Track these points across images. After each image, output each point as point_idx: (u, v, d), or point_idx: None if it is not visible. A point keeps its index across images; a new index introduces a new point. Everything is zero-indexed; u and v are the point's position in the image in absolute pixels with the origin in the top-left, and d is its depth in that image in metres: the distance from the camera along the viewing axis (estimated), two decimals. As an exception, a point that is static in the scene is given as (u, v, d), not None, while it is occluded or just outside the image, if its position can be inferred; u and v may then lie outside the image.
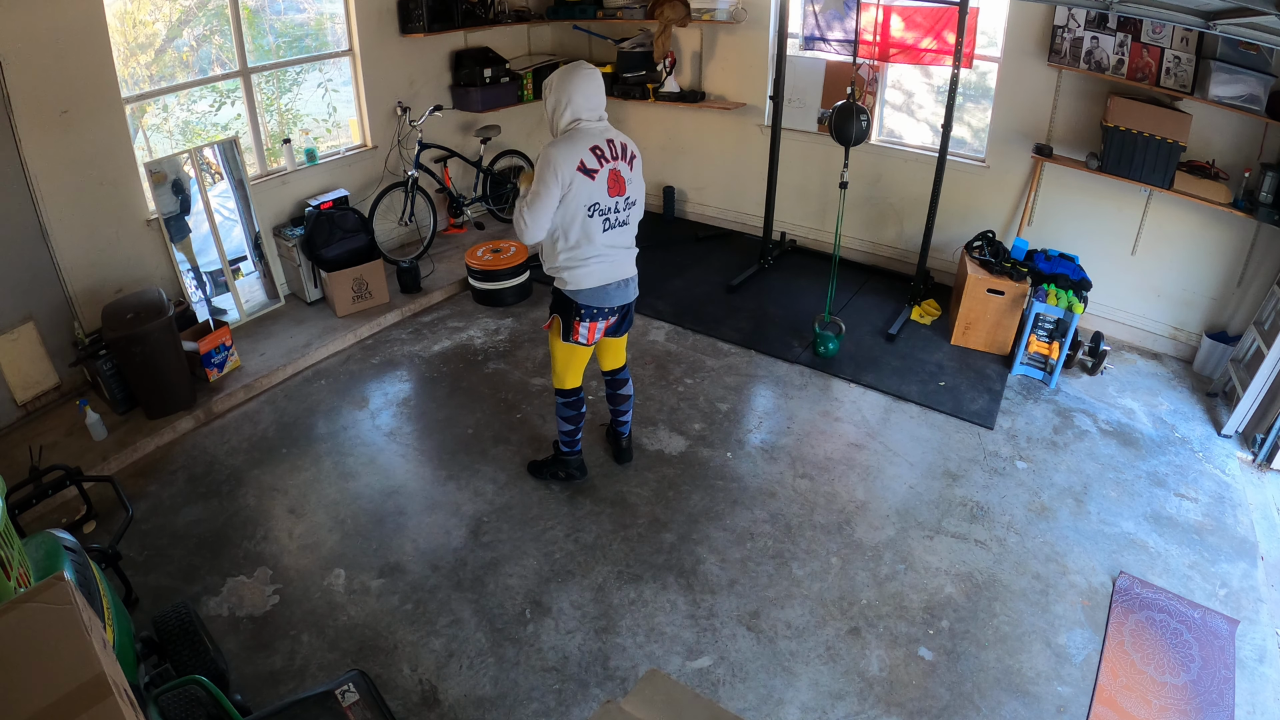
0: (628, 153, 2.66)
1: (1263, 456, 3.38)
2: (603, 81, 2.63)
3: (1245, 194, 3.64)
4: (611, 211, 2.64)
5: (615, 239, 2.70)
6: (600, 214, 2.61)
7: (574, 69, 2.57)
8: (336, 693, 1.89)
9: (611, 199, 2.61)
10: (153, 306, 3.41)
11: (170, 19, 4.01)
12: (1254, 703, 2.35)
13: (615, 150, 2.61)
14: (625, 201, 2.67)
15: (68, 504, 3.08)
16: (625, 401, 3.18)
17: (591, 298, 2.73)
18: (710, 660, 2.45)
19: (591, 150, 2.54)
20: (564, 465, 3.16)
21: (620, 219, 2.68)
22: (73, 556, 1.89)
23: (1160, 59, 3.66)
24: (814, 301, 4.57)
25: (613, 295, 2.76)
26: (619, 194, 2.63)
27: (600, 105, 2.61)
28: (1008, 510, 3.08)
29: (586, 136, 2.55)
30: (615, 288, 2.76)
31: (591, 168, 2.53)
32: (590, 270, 2.69)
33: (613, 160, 2.59)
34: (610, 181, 2.59)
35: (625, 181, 2.64)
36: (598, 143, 2.55)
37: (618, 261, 2.74)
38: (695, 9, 4.99)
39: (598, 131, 2.58)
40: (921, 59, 4.43)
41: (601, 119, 2.62)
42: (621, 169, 2.62)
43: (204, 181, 4.05)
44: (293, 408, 3.75)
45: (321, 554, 2.88)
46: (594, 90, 2.58)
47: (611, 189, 2.60)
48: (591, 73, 2.57)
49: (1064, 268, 3.93)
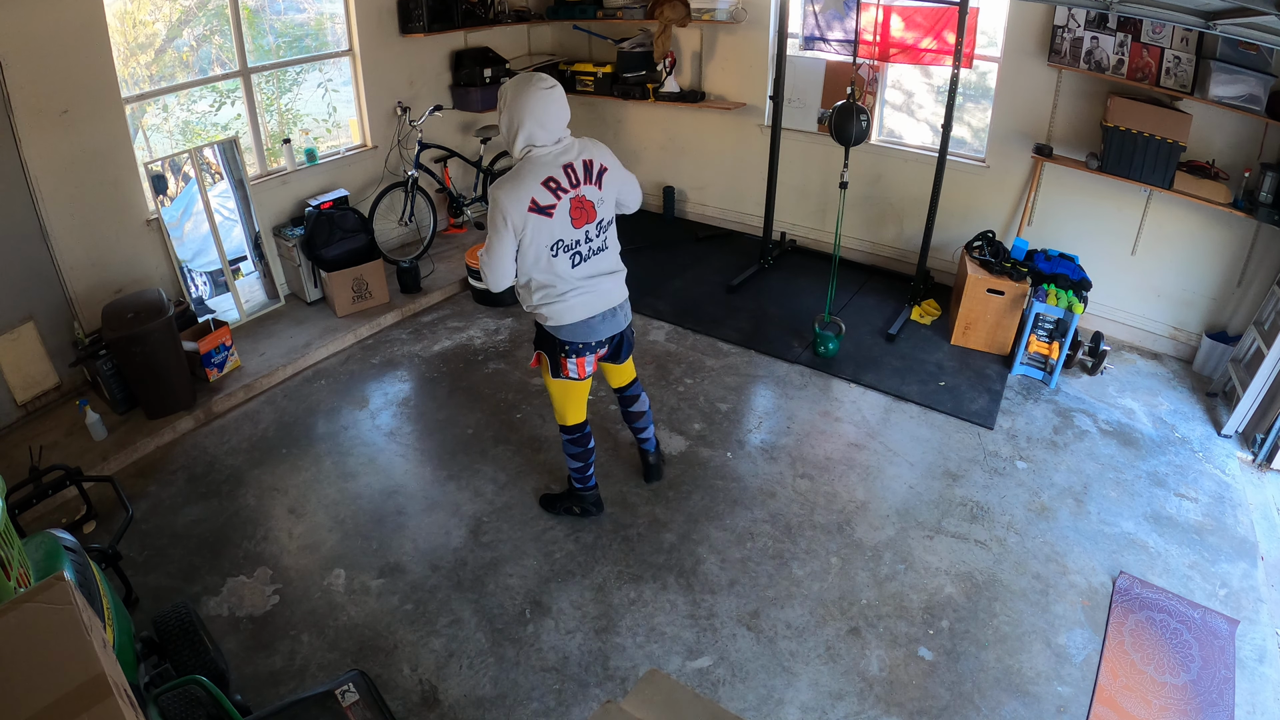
0: (594, 170, 2.33)
1: (1263, 456, 3.38)
2: (562, 95, 2.30)
3: (1245, 194, 3.64)
4: (580, 244, 2.36)
5: (592, 269, 2.42)
6: (566, 250, 2.33)
7: (526, 84, 2.23)
8: (336, 693, 1.89)
9: (578, 230, 2.32)
10: (153, 306, 3.41)
11: (170, 19, 4.01)
12: (1254, 703, 2.35)
13: (576, 175, 2.29)
14: (597, 227, 2.38)
15: (68, 504, 3.08)
16: (642, 418, 2.97)
17: (575, 333, 2.48)
18: (710, 660, 2.45)
19: (545, 185, 2.24)
20: (579, 500, 2.96)
21: (593, 248, 2.40)
22: (73, 556, 1.89)
23: (1160, 59, 3.65)
24: (814, 301, 4.57)
25: (598, 328, 2.50)
26: (587, 222, 2.34)
27: (559, 126, 2.29)
28: (1008, 510, 3.08)
29: (539, 167, 2.25)
30: (600, 320, 2.49)
31: (546, 204, 2.24)
32: (569, 305, 2.43)
33: (574, 188, 2.29)
34: (574, 212, 2.29)
35: (594, 205, 2.34)
36: (552, 173, 2.26)
37: (600, 291, 2.46)
38: (695, 9, 4.99)
39: (554, 157, 2.28)
40: (921, 59, 4.43)
41: (560, 140, 2.31)
42: (587, 193, 2.32)
43: (204, 181, 4.05)
44: (293, 408, 3.75)
45: (321, 554, 2.88)
46: (551, 112, 2.25)
47: (576, 219, 2.31)
48: (547, 91, 2.24)
49: (1064, 268, 3.93)
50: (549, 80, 2.28)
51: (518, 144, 2.28)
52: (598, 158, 2.35)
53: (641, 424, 3.00)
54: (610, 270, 2.48)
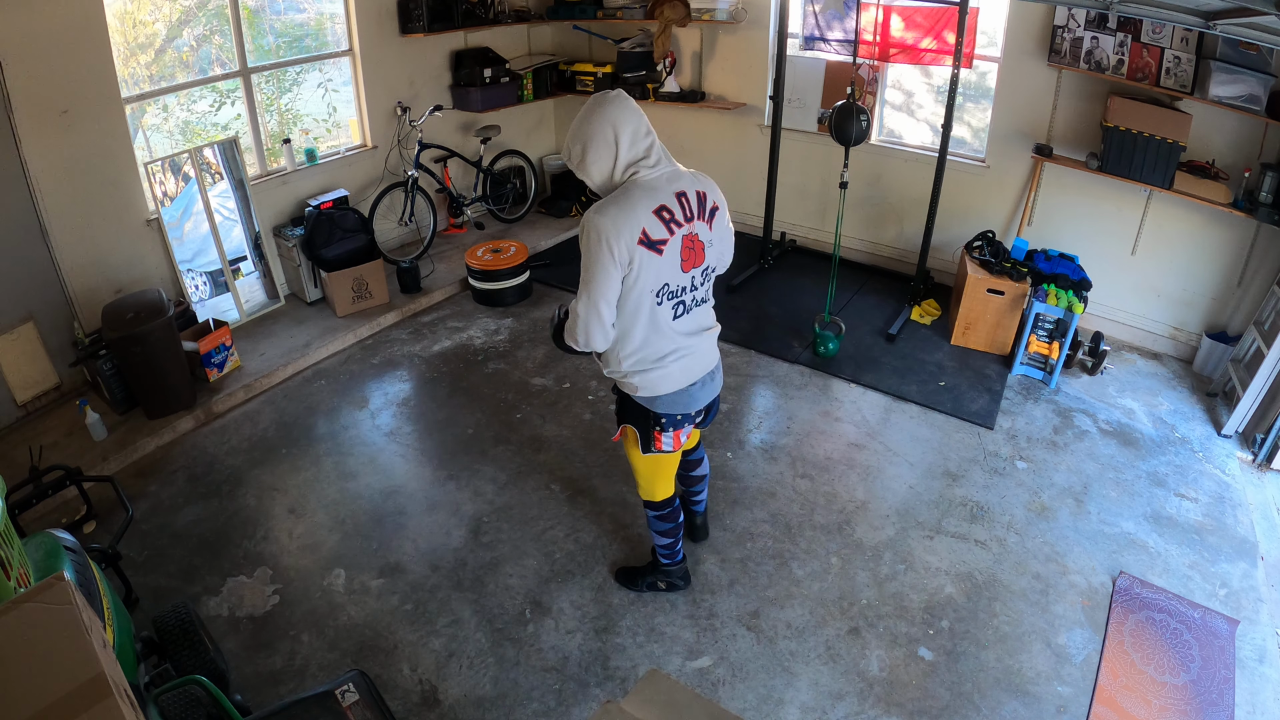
0: (707, 205, 1.94)
1: (1263, 456, 3.38)
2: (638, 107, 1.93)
3: (1245, 194, 3.64)
4: (686, 291, 1.96)
5: (693, 324, 2.03)
6: (671, 298, 1.94)
7: (600, 101, 1.86)
8: (336, 693, 1.89)
9: (686, 274, 1.93)
10: (153, 306, 3.41)
11: (170, 19, 4.01)
12: (1254, 703, 2.35)
13: (689, 208, 1.89)
14: (704, 273, 2.00)
15: (68, 504, 3.08)
16: (700, 482, 2.74)
17: (674, 404, 2.10)
18: (710, 660, 2.45)
19: (657, 214, 1.85)
20: (666, 575, 2.67)
21: (700, 297, 2.02)
22: (73, 556, 1.89)
23: (1160, 59, 3.65)
24: (814, 301, 4.57)
25: (697, 396, 2.13)
26: (696, 265, 1.95)
27: (650, 134, 1.91)
28: (1008, 510, 3.08)
29: (647, 194, 1.85)
30: (700, 386, 2.12)
31: (658, 239, 1.85)
32: (667, 372, 2.04)
33: (687, 222, 1.89)
34: (685, 251, 1.90)
35: (705, 246, 1.95)
36: (664, 200, 1.86)
37: (700, 353, 2.08)
38: (695, 9, 4.99)
39: (664, 182, 1.88)
40: (921, 59, 4.43)
41: (660, 160, 1.91)
42: (700, 231, 1.92)
43: (204, 181, 4.05)
44: (293, 408, 3.75)
45: (321, 554, 2.88)
46: (635, 117, 1.87)
47: (686, 261, 1.91)
48: (622, 103, 1.87)
49: (1064, 268, 3.93)
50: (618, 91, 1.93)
51: (618, 167, 1.88)
52: (710, 192, 1.97)
53: (699, 488, 2.75)
54: (709, 326, 2.12)
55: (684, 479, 2.69)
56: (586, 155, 1.87)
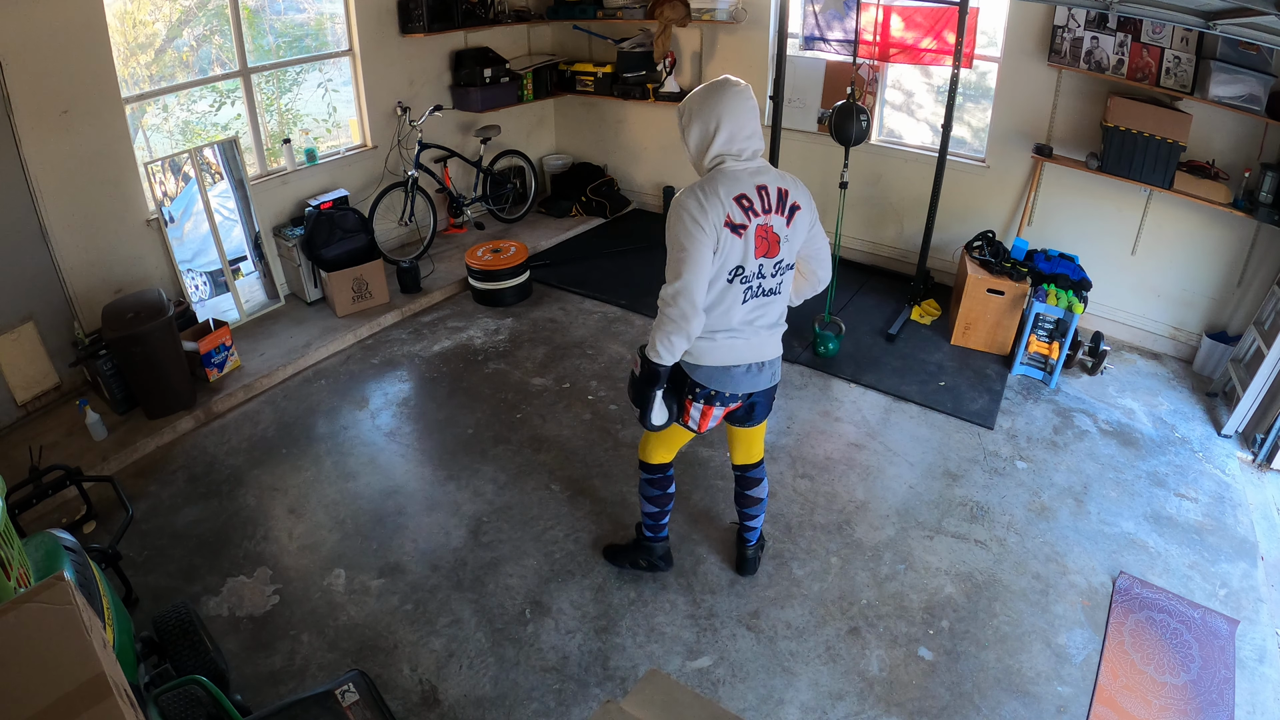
0: (787, 202, 2.06)
1: (1263, 456, 3.38)
2: (754, 99, 2.03)
3: (1245, 194, 3.64)
4: (756, 277, 2.08)
5: (758, 313, 2.14)
6: (743, 281, 2.07)
7: (720, 88, 2.00)
8: (336, 693, 1.89)
9: (757, 261, 2.06)
10: (153, 306, 3.41)
11: (170, 19, 4.01)
12: (1254, 703, 2.35)
13: (768, 200, 2.03)
14: (776, 265, 2.10)
15: (68, 504, 3.08)
16: (756, 505, 2.62)
17: (712, 377, 2.19)
18: (710, 660, 2.45)
19: (738, 201, 1.99)
20: (647, 553, 2.71)
21: (768, 287, 2.12)
22: (73, 556, 1.89)
23: (1160, 59, 3.66)
24: (814, 301, 4.55)
25: (740, 380, 2.20)
26: (768, 255, 2.07)
27: (754, 136, 2.04)
28: (1008, 510, 3.08)
29: (731, 181, 2.00)
30: (745, 371, 2.20)
31: (738, 223, 1.99)
32: (718, 346, 2.15)
33: (764, 213, 2.02)
34: (759, 240, 2.03)
35: (780, 240, 2.07)
36: (744, 190, 2.00)
37: (757, 342, 2.18)
38: (695, 9, 4.99)
39: (747, 175, 2.02)
40: (921, 59, 4.43)
41: (754, 155, 2.05)
42: (776, 224, 2.05)
43: (204, 181, 4.05)
44: (293, 408, 3.75)
45: (321, 554, 2.88)
46: (748, 116, 2.01)
47: (759, 249, 2.04)
48: (743, 91, 2.01)
49: (1064, 268, 3.94)
50: (741, 82, 2.03)
51: (710, 153, 2.03)
52: (793, 192, 2.08)
53: (754, 510, 2.63)
54: (773, 322, 2.20)
55: (739, 498, 2.64)
56: (689, 129, 2.05)
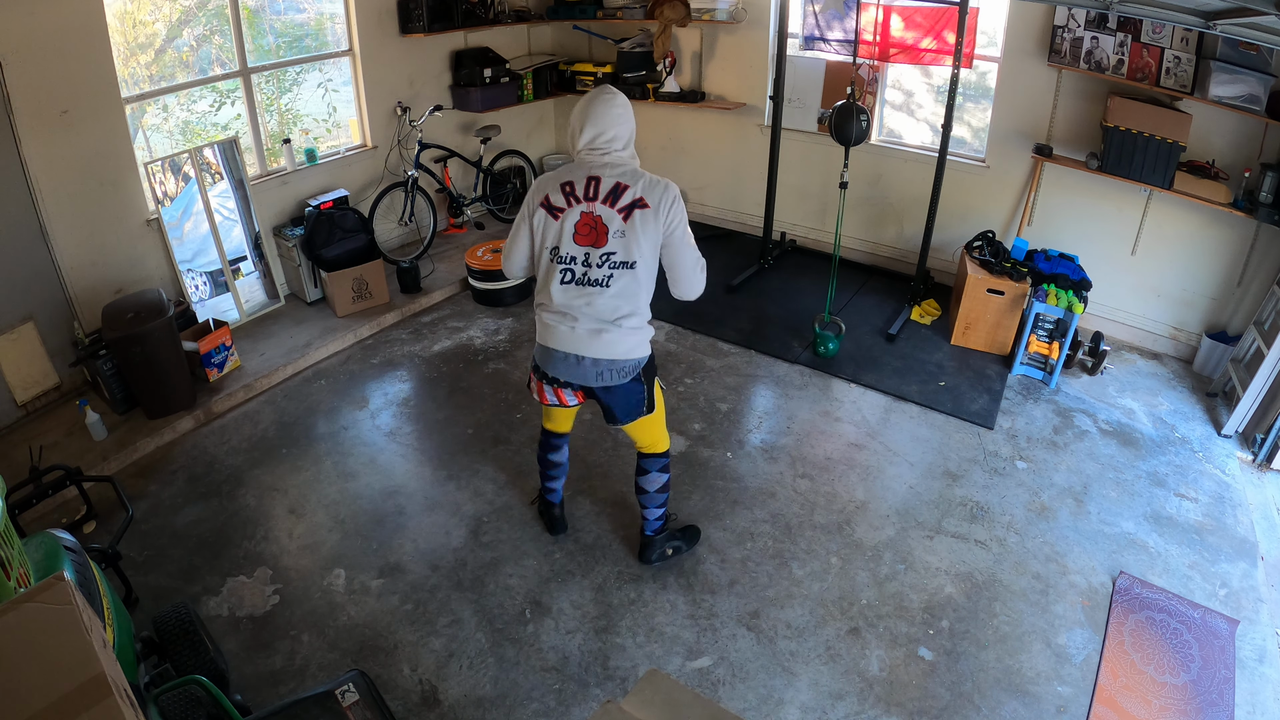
0: (622, 196, 2.16)
1: (1263, 456, 3.38)
2: (623, 111, 2.22)
3: (1245, 194, 3.64)
4: (575, 263, 2.20)
5: (580, 300, 2.21)
6: (559, 262, 2.22)
7: (593, 96, 2.24)
8: (336, 693, 1.89)
9: (581, 248, 2.19)
10: (153, 306, 3.41)
11: (170, 19, 4.01)
12: (1254, 703, 2.35)
13: (594, 190, 2.17)
14: (604, 256, 2.18)
15: (68, 504, 3.08)
16: (644, 495, 2.65)
17: (536, 352, 2.38)
18: (710, 660, 2.45)
19: (563, 186, 2.20)
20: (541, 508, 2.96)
21: (593, 276, 2.20)
22: (73, 556, 1.89)
23: (1160, 59, 3.65)
24: (814, 301, 4.57)
25: (556, 364, 2.31)
26: (595, 245, 2.18)
27: (615, 140, 2.21)
28: (1008, 510, 3.08)
29: (569, 171, 2.23)
30: (563, 359, 2.29)
31: (555, 205, 2.20)
32: (541, 324, 2.31)
33: (586, 201, 2.17)
34: (582, 226, 2.18)
35: (609, 232, 2.17)
36: (573, 179, 2.19)
37: (567, 329, 2.24)
38: (695, 9, 4.99)
39: (588, 168, 2.21)
40: (921, 59, 4.43)
41: (607, 154, 2.21)
42: (604, 214, 2.16)
43: (204, 181, 4.05)
44: (293, 408, 3.75)
45: (321, 554, 2.88)
46: (609, 122, 2.20)
47: (581, 234, 2.18)
48: (610, 100, 2.21)
49: (1064, 268, 3.93)
50: (613, 90, 2.26)
51: (575, 148, 2.27)
52: (638, 190, 2.18)
53: (643, 500, 2.67)
54: (599, 317, 2.22)
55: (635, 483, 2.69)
56: (570, 127, 2.29)
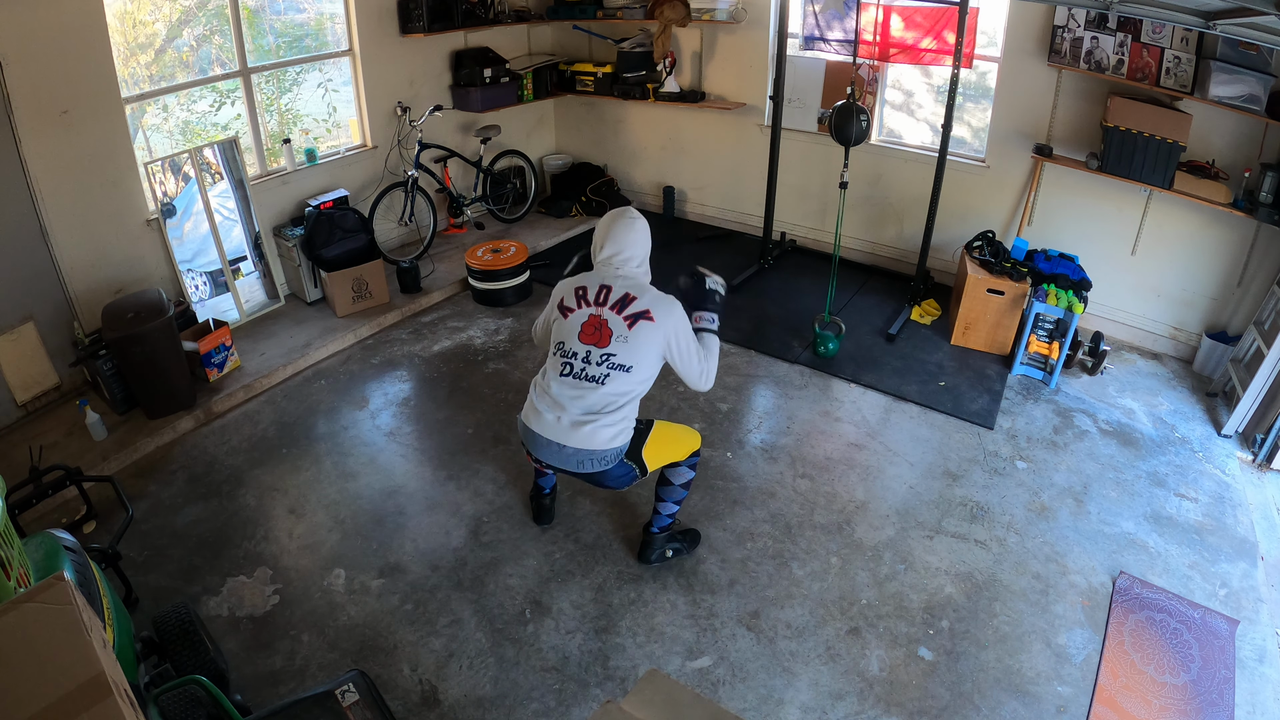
0: (628, 306, 2.37)
1: (1263, 456, 3.38)
2: (640, 236, 2.48)
3: (1245, 194, 3.64)
4: (578, 360, 2.39)
5: (573, 393, 2.39)
6: (563, 356, 2.43)
7: (617, 217, 2.49)
8: (336, 693, 1.89)
9: (584, 345, 2.39)
10: (153, 306, 3.41)
11: (170, 19, 4.01)
12: (1254, 703, 2.35)
13: (604, 297, 2.41)
14: (604, 357, 2.37)
15: (68, 504, 3.08)
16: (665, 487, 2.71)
17: (521, 431, 2.55)
18: (710, 660, 2.45)
19: (576, 290, 2.45)
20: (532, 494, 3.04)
21: (591, 374, 2.38)
22: (73, 556, 1.89)
23: (1160, 59, 3.65)
24: (814, 301, 4.57)
25: (540, 448, 2.47)
26: (597, 344, 2.38)
27: (630, 260, 2.46)
28: (1008, 510, 3.08)
29: (588, 278, 2.47)
30: (544, 443, 2.44)
31: (567, 306, 2.45)
32: (530, 403, 2.50)
33: (595, 305, 2.41)
34: (587, 326, 2.40)
35: (613, 335, 2.37)
36: (587, 285, 2.44)
37: (558, 422, 2.39)
38: (695, 9, 4.99)
39: (603, 276, 2.45)
40: (921, 59, 4.43)
41: (619, 268, 2.45)
42: (610, 319, 2.37)
43: (204, 181, 4.05)
44: (293, 408, 3.75)
45: (321, 554, 2.88)
46: (627, 241, 2.45)
47: (586, 334, 2.39)
48: (625, 223, 2.47)
49: (1064, 268, 3.93)
50: (634, 215, 2.52)
51: (596, 259, 2.52)
52: (644, 301, 2.38)
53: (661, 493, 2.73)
54: (587, 411, 2.37)
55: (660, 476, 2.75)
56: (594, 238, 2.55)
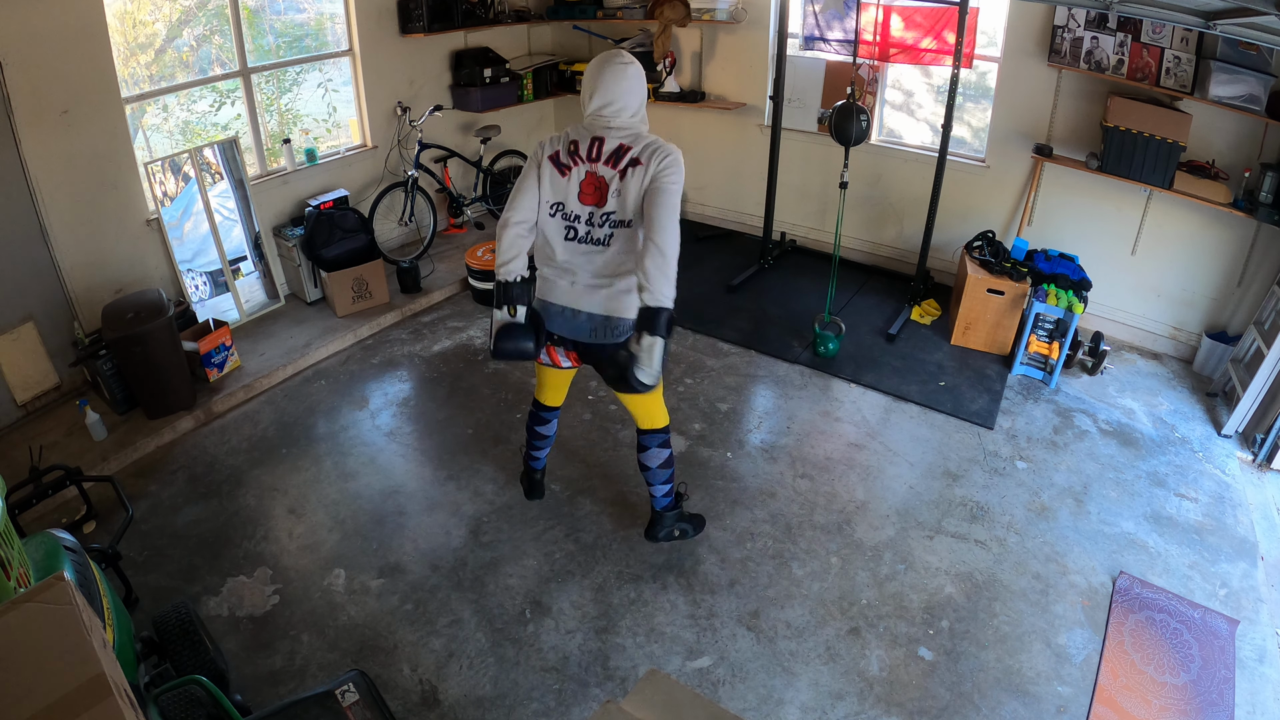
0: (623, 158, 2.21)
1: (1263, 456, 3.38)
2: (632, 83, 2.23)
3: (1245, 194, 3.64)
4: (579, 222, 2.28)
5: (581, 259, 2.30)
6: (564, 218, 2.29)
7: (604, 61, 2.25)
8: (336, 693, 1.89)
9: (584, 207, 2.26)
10: (153, 306, 3.41)
11: (170, 19, 4.01)
12: (1254, 703, 2.35)
13: (598, 151, 2.22)
14: (604, 216, 2.25)
15: (68, 504, 3.08)
16: (647, 471, 2.70)
17: (536, 306, 2.41)
18: (710, 660, 2.45)
19: (569, 144, 2.25)
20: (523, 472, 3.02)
21: (595, 236, 2.27)
22: (73, 556, 1.89)
23: (1160, 59, 3.65)
24: (814, 301, 4.57)
25: (553, 318, 2.39)
26: (594, 204, 2.25)
27: (623, 110, 2.23)
28: (1008, 510, 3.08)
29: (577, 131, 2.27)
30: (559, 312, 2.38)
31: (563, 162, 2.26)
32: (543, 280, 2.39)
33: (589, 161, 2.23)
34: (586, 185, 2.24)
35: (609, 191, 2.22)
36: (579, 139, 2.25)
37: (576, 289, 2.33)
38: (695, 9, 4.99)
39: (594, 130, 2.25)
40: (921, 59, 4.43)
41: (617, 119, 2.23)
42: (605, 174, 2.21)
43: (204, 181, 4.05)
44: (293, 408, 3.75)
45: (321, 554, 2.88)
46: (619, 90, 2.22)
47: (585, 193, 2.25)
48: (621, 70, 2.22)
49: (1064, 268, 3.93)
50: (626, 57, 2.26)
51: (585, 111, 2.29)
52: (637, 150, 2.21)
53: (648, 478, 2.73)
54: (597, 272, 2.30)
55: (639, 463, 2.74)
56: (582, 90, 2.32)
